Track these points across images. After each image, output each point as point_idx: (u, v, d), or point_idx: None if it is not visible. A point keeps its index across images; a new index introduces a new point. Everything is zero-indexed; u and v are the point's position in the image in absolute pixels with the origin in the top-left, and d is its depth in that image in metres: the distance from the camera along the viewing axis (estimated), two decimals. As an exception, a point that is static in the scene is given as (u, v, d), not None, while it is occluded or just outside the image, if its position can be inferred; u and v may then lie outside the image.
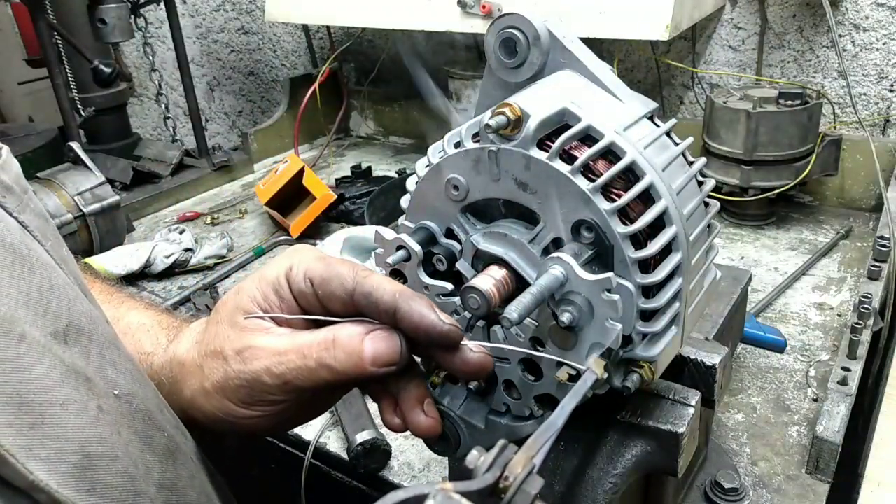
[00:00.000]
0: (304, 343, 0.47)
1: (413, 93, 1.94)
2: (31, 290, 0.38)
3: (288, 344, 0.48)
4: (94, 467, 0.38)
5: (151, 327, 0.57)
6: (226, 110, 2.57)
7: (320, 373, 0.47)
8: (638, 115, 0.51)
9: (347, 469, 0.86)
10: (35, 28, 1.55)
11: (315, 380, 0.47)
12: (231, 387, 0.48)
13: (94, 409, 0.39)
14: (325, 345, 0.47)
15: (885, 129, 1.45)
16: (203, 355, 0.50)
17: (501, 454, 0.36)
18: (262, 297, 0.49)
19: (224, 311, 0.50)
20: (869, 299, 0.96)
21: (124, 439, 0.41)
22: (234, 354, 0.48)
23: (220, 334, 0.50)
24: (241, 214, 1.61)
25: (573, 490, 0.56)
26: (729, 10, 1.53)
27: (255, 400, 0.49)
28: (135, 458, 0.41)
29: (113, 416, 0.40)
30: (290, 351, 0.47)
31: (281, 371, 0.47)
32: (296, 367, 0.47)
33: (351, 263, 0.49)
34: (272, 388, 0.48)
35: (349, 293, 0.47)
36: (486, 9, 1.32)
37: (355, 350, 0.46)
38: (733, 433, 0.86)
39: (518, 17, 0.52)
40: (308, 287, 0.48)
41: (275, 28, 2.29)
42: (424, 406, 0.50)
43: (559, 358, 0.48)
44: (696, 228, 0.51)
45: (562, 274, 0.45)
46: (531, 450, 0.37)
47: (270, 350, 0.48)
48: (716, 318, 0.74)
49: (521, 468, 0.36)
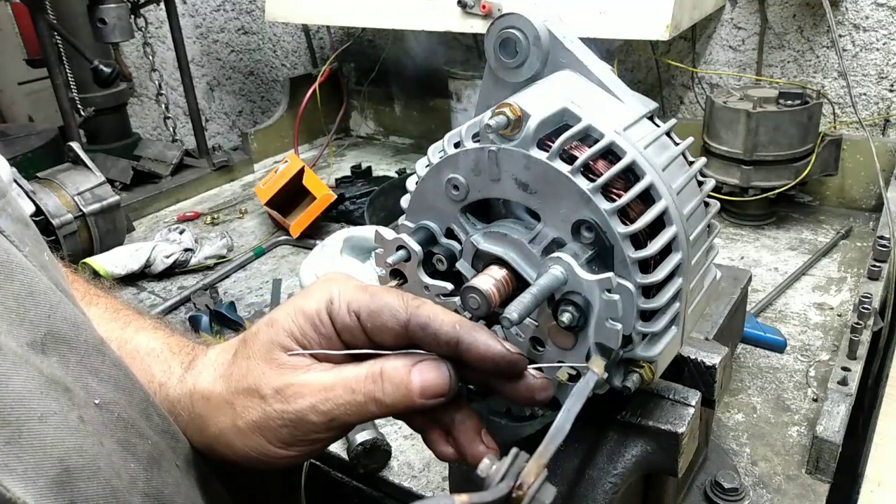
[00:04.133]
0: (352, 377, 0.45)
1: (413, 93, 1.94)
2: (8, 299, 0.37)
3: (334, 379, 0.46)
4: (74, 480, 0.37)
5: (161, 353, 0.54)
6: (226, 110, 2.57)
7: (369, 407, 0.45)
8: (638, 115, 0.51)
9: (347, 469, 0.86)
10: (35, 28, 1.55)
11: (363, 414, 0.46)
12: (271, 427, 0.46)
13: (75, 419, 0.38)
14: (373, 378, 0.45)
15: (885, 129, 1.45)
16: (234, 392, 0.48)
17: (514, 463, 0.36)
18: (300, 332, 0.47)
19: (257, 346, 0.48)
20: (869, 299, 0.96)
21: (107, 449, 0.40)
22: (273, 393, 0.46)
23: (254, 370, 0.47)
24: (241, 214, 1.61)
25: (573, 490, 0.56)
26: (729, 10, 1.53)
27: (297, 440, 0.47)
28: (118, 468, 0.40)
29: (94, 426, 0.39)
30: (337, 386, 0.45)
31: (328, 408, 0.45)
32: (344, 402, 0.45)
33: (397, 292, 0.47)
34: (318, 426, 0.46)
35: (403, 325, 0.45)
36: (486, 9, 1.32)
37: (403, 381, 0.45)
38: (733, 433, 0.86)
39: (518, 17, 0.52)
40: (354, 321, 0.46)
41: (275, 28, 2.29)
42: (483, 437, 0.48)
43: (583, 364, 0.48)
44: (696, 228, 0.51)
45: (562, 274, 0.45)
46: (543, 458, 0.37)
47: (315, 387, 0.46)
48: (716, 318, 0.74)
49: (533, 477, 0.35)
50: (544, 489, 0.36)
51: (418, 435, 0.50)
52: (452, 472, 0.67)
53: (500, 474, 0.36)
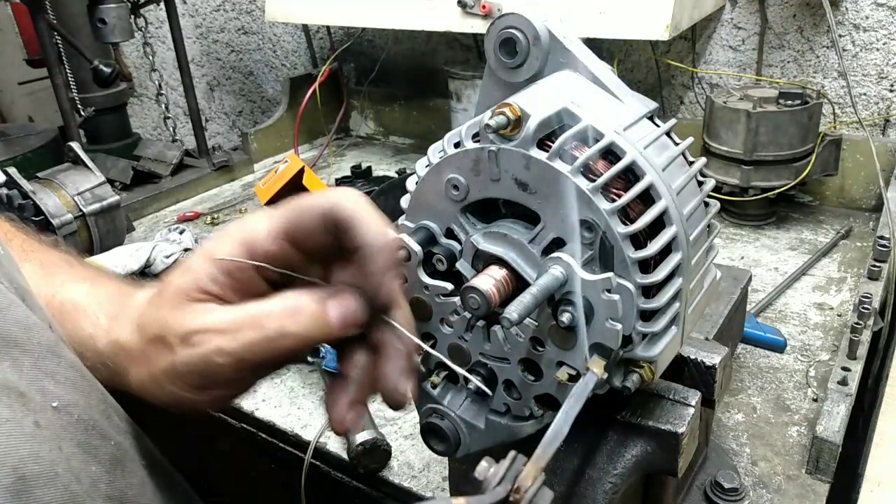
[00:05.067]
0: (261, 313, 0.43)
1: (413, 93, 1.94)
2: None
3: (240, 317, 0.43)
4: (30, 489, 0.36)
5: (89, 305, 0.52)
6: (226, 110, 2.57)
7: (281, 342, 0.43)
8: (638, 115, 0.51)
9: (347, 469, 0.86)
10: (35, 28, 1.55)
11: (275, 350, 0.43)
12: (181, 374, 0.44)
13: (30, 425, 0.37)
14: (288, 312, 0.43)
15: (885, 129, 1.45)
16: (147, 342, 0.46)
17: (512, 466, 0.36)
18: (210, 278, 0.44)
19: (167, 294, 0.46)
20: (869, 299, 0.96)
21: (65, 454, 0.39)
22: (179, 341, 0.44)
23: (162, 319, 0.45)
24: (241, 214, 1.61)
25: (573, 490, 0.56)
26: (729, 10, 1.53)
27: (210, 384, 0.45)
28: (77, 472, 0.39)
29: (52, 431, 0.39)
30: (244, 325, 0.43)
31: (234, 348, 0.43)
32: (250, 341, 0.43)
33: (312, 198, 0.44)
34: (226, 368, 0.43)
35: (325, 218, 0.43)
36: (487, 9, 1.32)
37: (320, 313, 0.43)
38: (733, 433, 0.86)
39: (518, 17, 0.52)
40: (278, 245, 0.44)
41: (275, 28, 2.29)
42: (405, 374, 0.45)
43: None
44: (696, 228, 0.51)
45: (562, 274, 0.45)
46: (541, 461, 0.37)
47: (220, 327, 0.43)
48: (716, 318, 0.74)
49: (531, 481, 0.35)
50: (541, 493, 0.36)
51: (418, 435, 0.50)
52: (452, 473, 0.67)
53: (497, 477, 0.36)
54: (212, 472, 1.12)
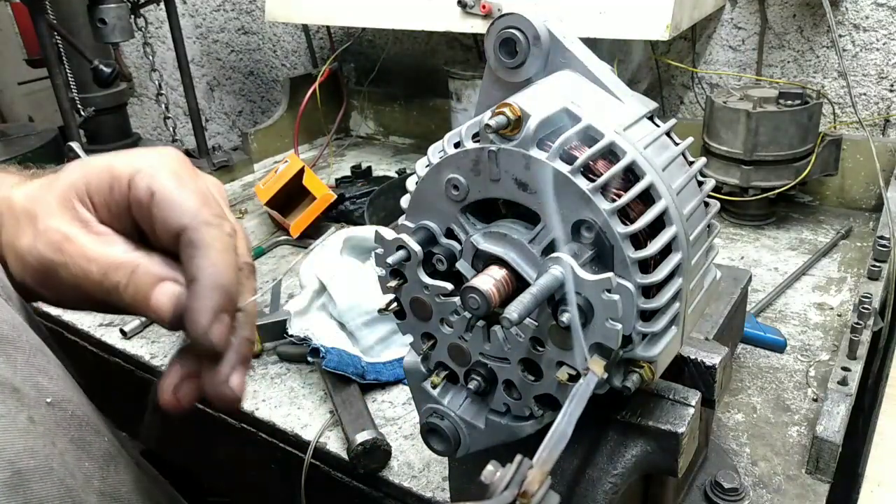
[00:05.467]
0: (111, 260, 0.45)
1: (413, 93, 1.94)
2: None
3: (96, 254, 0.45)
4: (26, 483, 0.36)
5: (6, 179, 0.52)
6: (226, 110, 2.57)
7: (112, 295, 0.45)
8: (638, 115, 0.51)
9: (347, 469, 0.86)
10: (35, 28, 1.55)
11: (107, 297, 0.45)
12: (28, 260, 0.46)
13: (24, 420, 0.37)
14: (126, 269, 0.45)
15: (885, 129, 1.45)
16: (23, 210, 0.47)
17: (518, 470, 0.36)
18: (96, 188, 0.46)
19: (62, 182, 0.47)
20: (869, 299, 0.96)
21: (59, 449, 0.39)
22: (43, 231, 0.45)
23: (43, 201, 0.46)
24: (240, 214, 1.61)
25: (573, 490, 0.56)
26: (729, 9, 1.53)
27: (48, 286, 0.46)
28: (72, 467, 0.39)
29: (46, 426, 0.39)
30: (94, 262, 0.45)
31: (75, 274, 0.45)
32: (93, 279, 0.45)
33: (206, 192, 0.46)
34: (64, 285, 0.45)
35: (179, 231, 0.44)
36: (487, 9, 1.32)
37: (145, 291, 0.44)
38: (733, 433, 0.86)
39: (518, 17, 0.52)
40: (147, 199, 0.45)
41: (275, 28, 2.29)
42: (235, 375, 0.45)
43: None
44: (696, 228, 0.51)
45: (562, 274, 0.45)
46: (546, 465, 0.37)
47: (77, 251, 0.45)
48: (716, 318, 0.74)
49: (537, 485, 0.35)
50: (548, 497, 0.35)
51: (418, 435, 0.50)
52: (452, 473, 0.67)
53: (504, 482, 0.35)
54: (212, 472, 1.12)
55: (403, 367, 0.60)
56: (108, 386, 1.14)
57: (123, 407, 1.10)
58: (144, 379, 1.08)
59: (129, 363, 1.09)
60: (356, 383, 0.94)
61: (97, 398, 0.47)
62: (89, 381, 0.49)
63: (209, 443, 1.05)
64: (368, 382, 0.95)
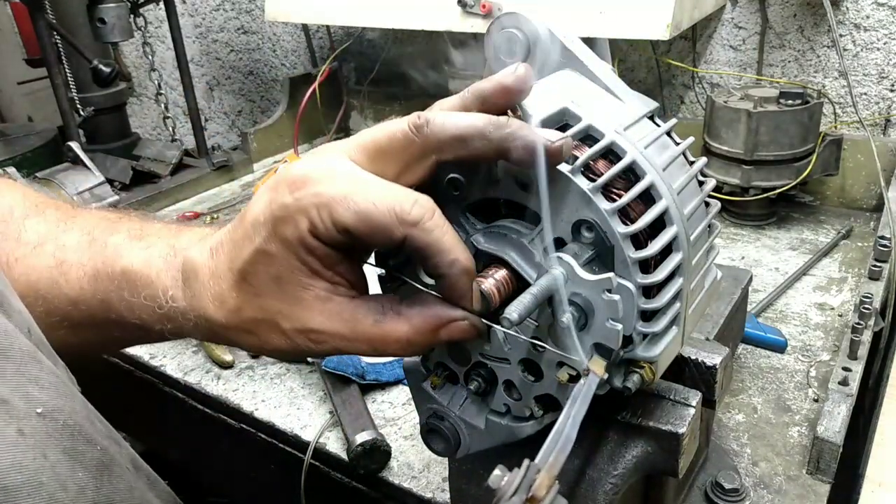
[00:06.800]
0: (375, 337, 0.47)
1: (413, 92, 1.94)
2: None
3: (353, 332, 0.47)
4: (14, 499, 0.35)
5: (147, 275, 0.52)
6: (225, 110, 2.57)
7: (381, 355, 0.49)
8: (638, 115, 0.51)
9: (347, 469, 0.86)
10: (34, 28, 1.55)
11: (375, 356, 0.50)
12: (297, 351, 0.49)
13: (13, 434, 0.36)
14: (399, 344, 0.47)
15: (885, 128, 1.45)
16: (252, 322, 0.48)
17: (526, 476, 0.36)
18: (299, 261, 0.46)
19: (262, 282, 0.47)
20: (870, 299, 0.96)
21: (51, 461, 0.38)
22: (297, 333, 0.47)
23: (270, 308, 0.47)
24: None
25: (573, 491, 0.56)
26: (729, 9, 1.53)
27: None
28: (64, 480, 0.39)
29: (36, 438, 0.38)
30: (358, 339, 0.47)
31: (345, 348, 0.48)
32: (361, 350, 0.48)
33: (391, 193, 0.45)
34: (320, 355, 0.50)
35: (398, 243, 0.44)
36: (487, 8, 1.31)
37: (429, 343, 0.48)
38: (734, 433, 0.86)
39: (518, 16, 0.52)
40: (343, 238, 0.45)
41: (274, 27, 2.29)
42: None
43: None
44: (696, 228, 0.51)
45: (562, 274, 0.45)
46: (554, 469, 0.37)
47: (336, 335, 0.47)
48: (716, 319, 0.74)
49: (545, 490, 0.35)
50: (557, 502, 0.35)
51: (418, 436, 0.50)
52: (452, 473, 0.67)
53: (512, 488, 0.35)
54: (212, 472, 1.12)
55: (403, 367, 0.59)
56: (108, 386, 1.14)
57: (123, 407, 1.10)
58: (144, 379, 1.08)
59: (128, 363, 1.09)
60: (356, 383, 0.94)
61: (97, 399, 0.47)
62: (90, 381, 0.49)
63: (209, 443, 1.05)
64: (368, 383, 0.95)
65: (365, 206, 0.43)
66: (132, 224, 0.56)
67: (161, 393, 1.06)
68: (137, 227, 0.56)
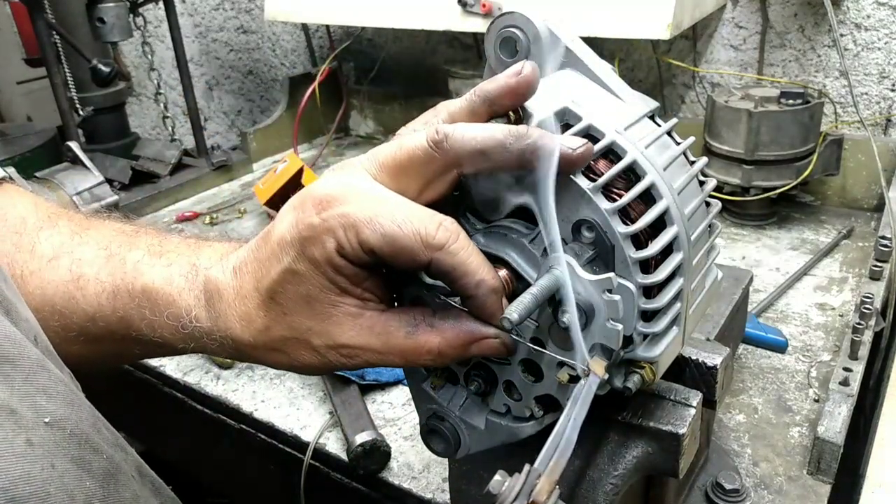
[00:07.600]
0: (408, 349, 0.48)
1: (413, 92, 1.94)
2: None
3: (387, 347, 0.48)
4: None
5: (168, 294, 0.52)
6: (225, 110, 2.57)
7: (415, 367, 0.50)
8: (639, 115, 0.51)
9: (347, 470, 0.86)
10: (34, 27, 1.55)
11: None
12: (329, 367, 0.49)
13: (22, 444, 0.36)
14: (431, 355, 0.48)
15: (886, 128, 1.45)
16: (281, 341, 0.48)
17: (527, 481, 0.35)
18: (328, 280, 0.46)
19: (290, 300, 0.47)
20: (870, 299, 0.95)
21: (58, 471, 0.38)
22: (328, 349, 0.48)
23: (299, 327, 0.48)
24: (240, 214, 1.61)
25: (573, 491, 0.56)
26: (730, 9, 1.53)
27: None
28: (72, 490, 0.38)
29: (44, 448, 0.38)
30: (391, 353, 0.48)
31: (378, 362, 0.49)
32: (394, 363, 0.49)
33: (416, 215, 0.45)
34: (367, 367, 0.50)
35: (423, 265, 0.45)
36: (487, 7, 1.31)
37: (457, 356, 0.48)
38: (734, 434, 0.85)
39: (518, 16, 0.52)
40: (369, 258, 0.45)
41: (274, 27, 2.28)
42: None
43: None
44: (697, 228, 0.50)
45: (562, 274, 0.45)
46: (554, 474, 0.37)
47: (369, 349, 0.48)
48: (717, 319, 0.74)
49: (546, 495, 0.35)
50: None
51: (418, 436, 0.50)
52: (452, 473, 0.67)
53: (513, 493, 0.35)
54: (212, 473, 1.12)
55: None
56: (108, 386, 1.14)
57: (123, 408, 1.10)
58: (143, 379, 1.07)
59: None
60: (356, 384, 0.94)
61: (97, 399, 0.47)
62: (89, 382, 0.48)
63: (209, 443, 1.05)
64: (368, 383, 0.95)
65: (390, 228, 0.43)
66: (150, 239, 0.56)
67: (161, 393, 1.06)
68: (156, 243, 0.55)
